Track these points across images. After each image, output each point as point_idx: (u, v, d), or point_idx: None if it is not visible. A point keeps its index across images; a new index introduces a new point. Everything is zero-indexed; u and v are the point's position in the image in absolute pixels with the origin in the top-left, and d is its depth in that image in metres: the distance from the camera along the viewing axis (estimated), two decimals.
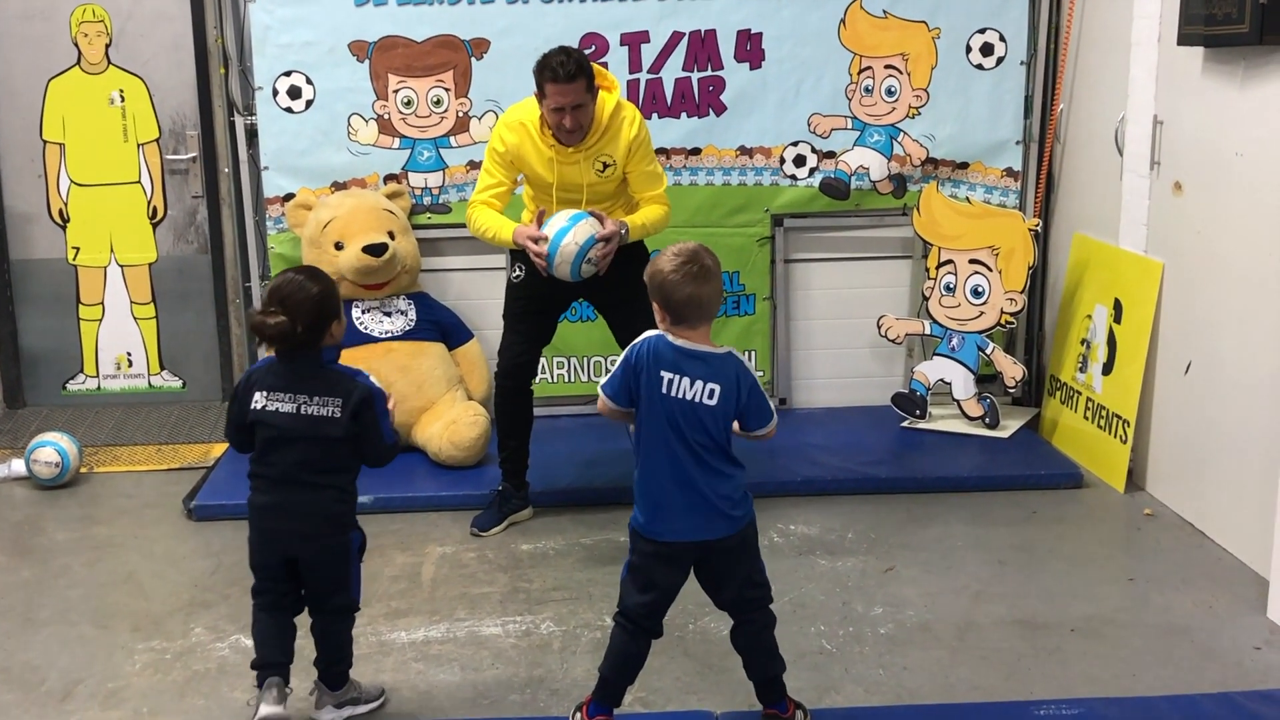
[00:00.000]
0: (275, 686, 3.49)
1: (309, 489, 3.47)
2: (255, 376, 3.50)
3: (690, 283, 3.23)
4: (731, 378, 3.27)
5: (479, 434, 5.50)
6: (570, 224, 4.59)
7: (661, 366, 3.26)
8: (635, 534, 3.38)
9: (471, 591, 4.48)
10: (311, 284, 3.44)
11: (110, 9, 6.23)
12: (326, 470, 3.48)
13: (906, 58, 6.06)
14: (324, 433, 3.43)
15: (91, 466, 5.78)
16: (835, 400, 6.41)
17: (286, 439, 3.44)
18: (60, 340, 6.53)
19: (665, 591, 3.39)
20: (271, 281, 3.50)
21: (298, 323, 3.38)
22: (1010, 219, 5.89)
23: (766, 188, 6.14)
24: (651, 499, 3.31)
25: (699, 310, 3.27)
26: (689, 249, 3.29)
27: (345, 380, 3.48)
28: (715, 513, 3.30)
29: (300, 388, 3.44)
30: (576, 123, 4.57)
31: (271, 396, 3.45)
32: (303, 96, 5.96)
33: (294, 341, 3.40)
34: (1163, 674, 3.84)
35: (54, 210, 6.40)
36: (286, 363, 3.47)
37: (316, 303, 3.42)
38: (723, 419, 3.28)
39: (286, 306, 3.39)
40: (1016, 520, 5.05)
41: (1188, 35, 4.80)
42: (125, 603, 4.46)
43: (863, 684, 3.80)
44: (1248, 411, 4.56)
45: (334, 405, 3.43)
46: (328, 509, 3.51)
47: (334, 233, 5.71)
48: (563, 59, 4.48)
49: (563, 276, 4.64)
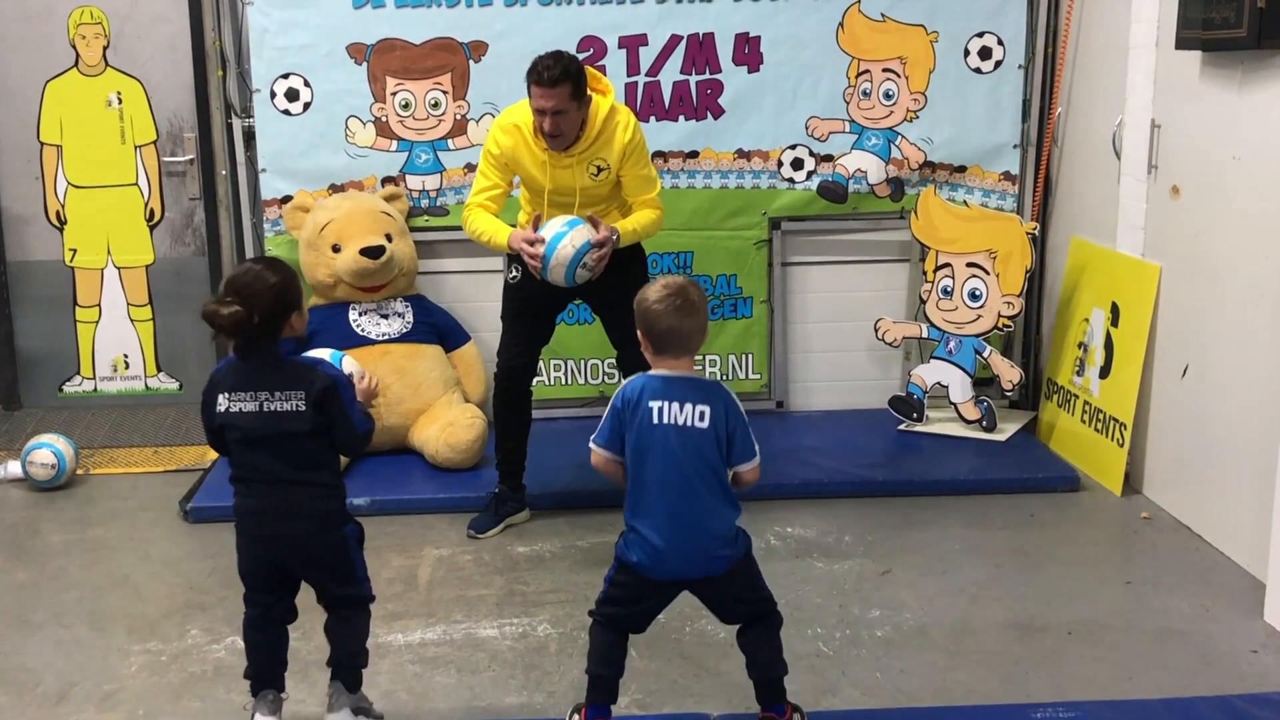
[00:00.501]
0: (269, 699, 3.45)
1: (290, 488, 3.34)
2: (218, 377, 3.36)
3: (672, 315, 3.23)
4: (719, 402, 3.25)
5: (476, 436, 5.50)
6: (567, 229, 4.59)
7: (649, 398, 3.25)
8: (623, 564, 3.34)
9: (468, 594, 4.48)
10: (270, 273, 3.30)
11: (108, 11, 6.23)
12: (303, 467, 3.35)
13: (904, 61, 6.06)
14: (290, 428, 3.29)
15: (88, 468, 5.77)
16: (832, 403, 6.41)
17: (254, 439, 3.31)
18: (57, 342, 6.52)
19: (648, 610, 3.39)
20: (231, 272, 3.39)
21: (254, 313, 3.23)
22: (1008, 222, 5.89)
23: (764, 191, 6.14)
24: (642, 536, 3.27)
25: (680, 342, 3.27)
26: (677, 283, 3.29)
27: (305, 371, 3.32)
28: (705, 553, 3.27)
29: (260, 384, 3.29)
30: (556, 127, 4.56)
31: (233, 396, 3.31)
32: (300, 99, 5.96)
33: (249, 333, 3.26)
34: (1159, 677, 3.84)
35: (51, 212, 6.40)
36: (244, 358, 3.33)
37: (275, 292, 3.27)
38: (715, 443, 3.24)
39: (242, 296, 3.24)
40: (1013, 523, 5.05)
41: (1185, 39, 4.80)
42: (121, 605, 4.45)
43: (860, 687, 3.80)
44: (1245, 415, 4.56)
45: (296, 399, 3.29)
46: (312, 507, 3.39)
47: (331, 235, 5.70)
48: (550, 63, 4.49)
49: (557, 281, 4.64)
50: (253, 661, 3.50)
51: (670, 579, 3.31)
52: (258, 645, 3.49)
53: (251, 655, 3.50)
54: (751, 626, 3.42)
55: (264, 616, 3.48)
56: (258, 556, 3.45)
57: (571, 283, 4.64)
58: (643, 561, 3.27)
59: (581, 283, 4.66)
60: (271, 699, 3.45)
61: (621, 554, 3.33)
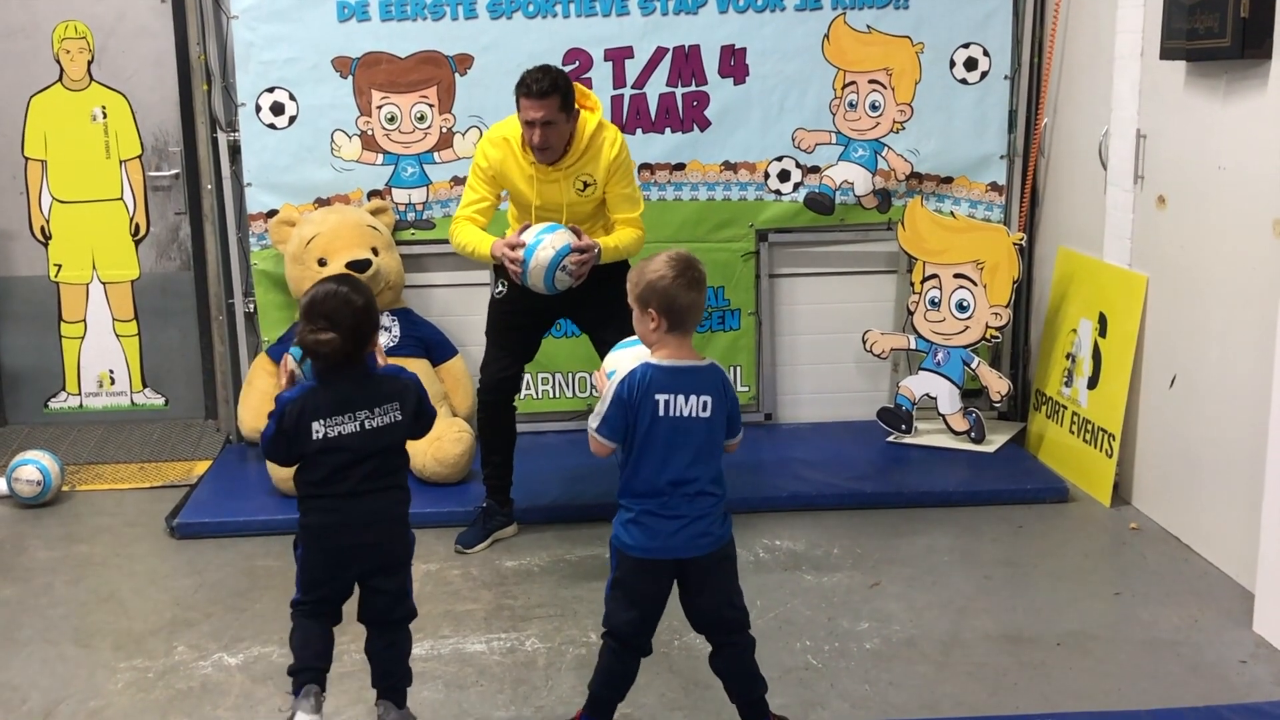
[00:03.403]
0: (313, 695, 3.41)
1: (377, 496, 3.41)
2: (305, 406, 3.34)
3: (688, 290, 3.28)
4: (719, 387, 3.33)
5: (463, 450, 5.48)
6: (547, 231, 4.59)
7: (654, 391, 3.27)
8: (618, 551, 3.37)
9: (456, 609, 4.46)
10: (355, 296, 3.36)
11: (93, 25, 6.22)
12: (391, 473, 3.44)
13: (890, 72, 6.06)
14: (392, 440, 3.41)
15: (73, 485, 5.75)
16: (821, 415, 6.40)
17: (360, 459, 3.36)
18: (42, 358, 6.50)
19: (650, 607, 3.39)
20: (309, 294, 3.38)
21: (347, 339, 3.30)
22: (995, 233, 5.89)
23: (751, 203, 6.14)
24: (638, 518, 3.30)
25: (695, 317, 3.33)
26: (683, 257, 3.33)
27: (395, 382, 3.45)
28: (699, 531, 3.31)
29: (357, 404, 3.36)
30: (545, 139, 4.58)
31: (330, 422, 3.34)
32: (286, 113, 5.95)
33: (343, 358, 3.32)
34: (1148, 688, 3.83)
35: (36, 227, 6.38)
36: (332, 382, 3.36)
37: (364, 314, 3.36)
38: (719, 430, 3.33)
39: (333, 322, 3.29)
40: (1002, 535, 5.05)
41: (1170, 49, 4.81)
42: (107, 621, 4.43)
43: (849, 700, 3.79)
44: (1233, 425, 4.56)
45: (394, 411, 3.40)
46: (395, 511, 3.47)
47: (317, 249, 5.69)
48: (539, 75, 4.52)
49: (537, 287, 4.62)
50: (301, 653, 3.46)
51: (667, 559, 3.32)
52: (310, 636, 3.47)
53: (300, 646, 3.47)
54: (722, 650, 3.42)
55: (317, 613, 3.47)
56: (335, 569, 3.45)
57: (552, 288, 4.62)
58: (640, 542, 3.30)
59: (563, 288, 4.64)
60: (315, 697, 3.42)
61: (617, 540, 3.35)
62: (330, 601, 3.49)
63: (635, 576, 3.35)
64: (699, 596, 3.40)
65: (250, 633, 4.29)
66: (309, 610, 3.49)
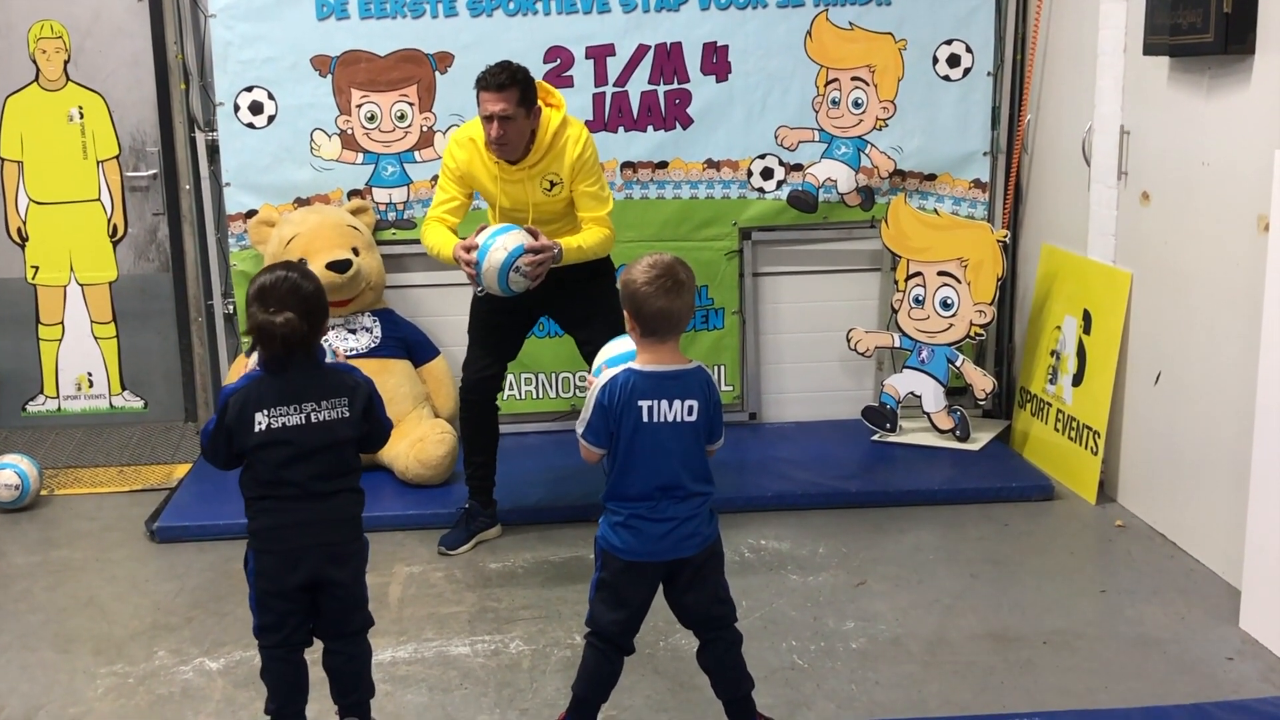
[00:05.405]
0: None
1: (327, 498, 3.27)
2: (249, 396, 3.20)
3: (662, 296, 3.21)
4: (703, 393, 3.29)
5: (446, 452, 5.45)
6: (500, 233, 4.53)
7: (638, 398, 3.24)
8: (604, 553, 3.35)
9: (439, 611, 4.44)
10: (305, 282, 3.23)
11: (69, 25, 6.16)
12: (340, 474, 3.30)
13: (873, 69, 6.05)
14: (339, 436, 3.25)
15: (52, 489, 5.70)
16: (805, 414, 6.38)
17: (305, 453, 3.22)
18: (19, 361, 6.44)
19: (636, 608, 3.37)
20: (257, 281, 3.22)
21: (303, 321, 3.17)
22: (978, 230, 5.88)
23: (734, 201, 6.12)
24: (626, 521, 3.28)
25: (669, 324, 3.25)
26: (664, 261, 3.27)
27: (346, 378, 3.30)
28: (688, 533, 3.30)
29: (304, 395, 3.22)
30: (504, 134, 4.53)
31: (274, 413, 3.19)
32: (265, 112, 5.91)
33: (299, 342, 3.18)
34: (1135, 686, 3.82)
35: (12, 229, 6.32)
36: (279, 372, 3.23)
37: (315, 300, 3.22)
38: (701, 432, 3.31)
39: (288, 305, 3.16)
40: (988, 533, 5.04)
41: (1153, 45, 4.80)
42: (87, 627, 4.39)
43: (835, 699, 3.77)
44: (1218, 421, 4.55)
45: (342, 406, 3.26)
46: (347, 513, 3.34)
47: (297, 249, 5.65)
48: (496, 70, 4.50)
49: (491, 288, 4.54)
50: (275, 696, 3.37)
51: (654, 560, 3.30)
52: (280, 680, 3.35)
53: (274, 692, 3.37)
54: (710, 645, 3.41)
55: (287, 641, 3.33)
56: (288, 575, 3.27)
57: (508, 290, 4.54)
58: (627, 544, 3.28)
59: (519, 289, 4.56)
60: None
61: (604, 542, 3.33)
62: (288, 620, 3.31)
63: (623, 579, 3.33)
64: (687, 594, 3.38)
65: (232, 637, 4.25)
66: (277, 647, 3.34)
